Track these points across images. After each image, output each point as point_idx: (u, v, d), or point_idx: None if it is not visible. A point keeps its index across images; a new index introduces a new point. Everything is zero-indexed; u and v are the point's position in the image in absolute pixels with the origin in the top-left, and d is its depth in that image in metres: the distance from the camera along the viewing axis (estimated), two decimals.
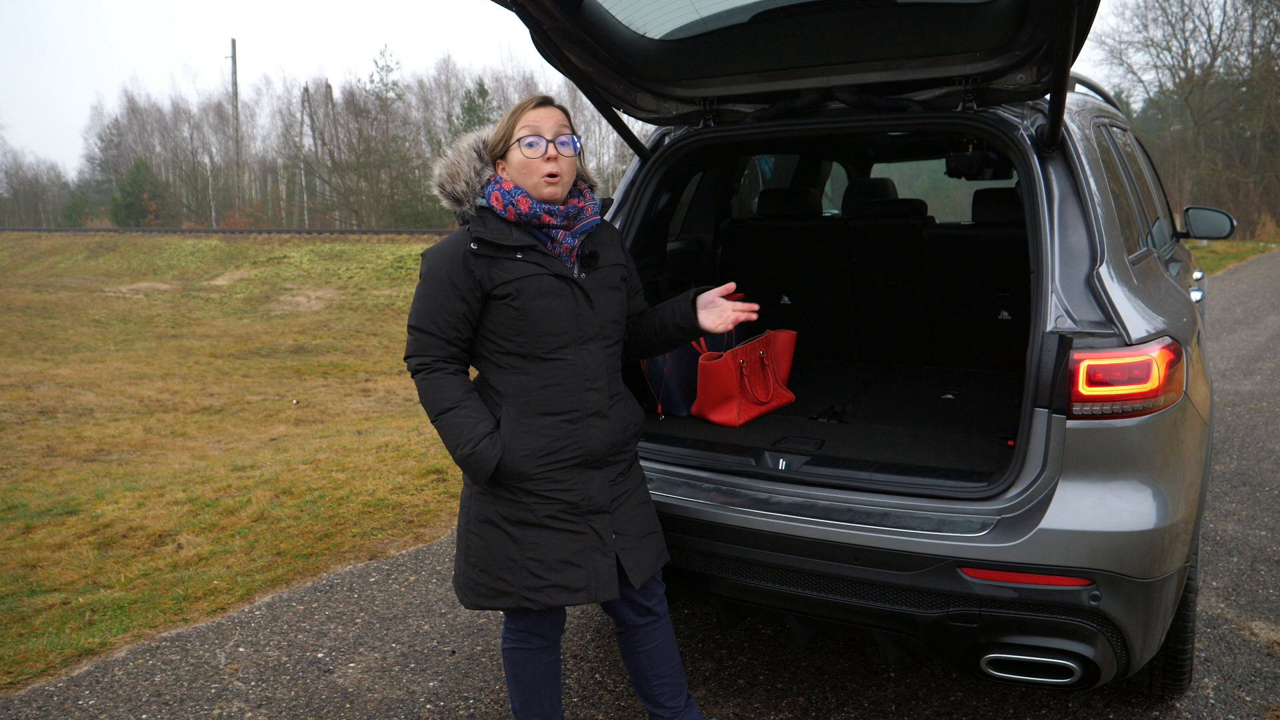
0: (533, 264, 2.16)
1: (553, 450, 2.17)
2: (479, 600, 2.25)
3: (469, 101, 48.70)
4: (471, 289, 2.15)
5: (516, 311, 2.14)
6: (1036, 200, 2.37)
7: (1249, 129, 34.03)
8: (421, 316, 2.19)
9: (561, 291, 2.17)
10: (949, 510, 2.30)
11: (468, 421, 2.15)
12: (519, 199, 2.16)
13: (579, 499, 2.19)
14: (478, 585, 2.24)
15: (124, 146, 62.84)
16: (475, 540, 2.25)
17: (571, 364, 2.18)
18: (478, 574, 2.24)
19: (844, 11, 2.49)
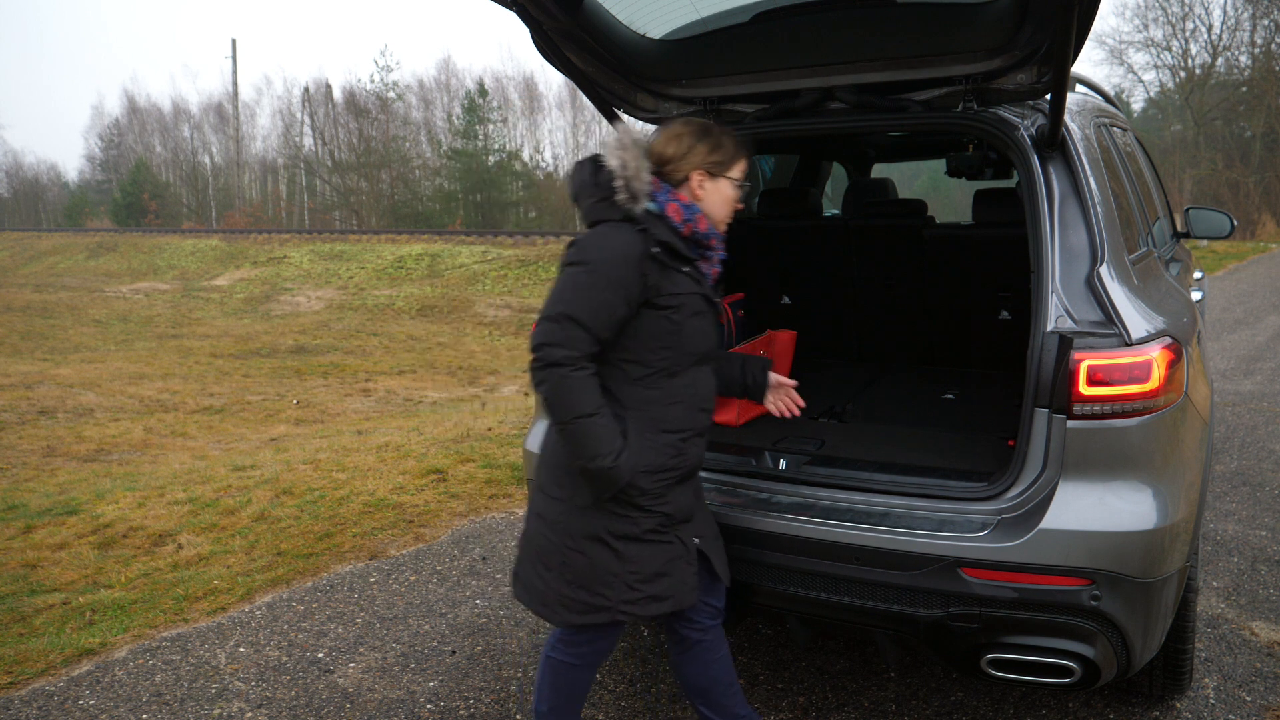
0: (694, 280, 2.17)
1: (667, 468, 2.16)
2: (572, 617, 2.17)
3: (469, 101, 48.70)
4: (637, 293, 2.07)
5: (673, 325, 2.12)
6: (1037, 200, 2.37)
7: (1249, 129, 34.04)
8: (580, 308, 2.02)
9: (706, 312, 2.21)
10: (949, 510, 2.30)
11: (607, 432, 2.05)
12: (699, 217, 2.18)
13: (674, 510, 2.19)
14: (573, 602, 2.16)
15: (124, 146, 62.85)
16: (577, 559, 2.14)
17: (693, 384, 2.20)
18: (574, 591, 2.15)
19: (844, 11, 2.49)
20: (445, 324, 18.85)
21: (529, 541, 2.26)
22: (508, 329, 18.13)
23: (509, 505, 4.86)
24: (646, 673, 3.07)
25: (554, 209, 45.85)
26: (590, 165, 2.21)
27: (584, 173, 2.21)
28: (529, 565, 2.24)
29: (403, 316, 19.71)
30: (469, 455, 5.74)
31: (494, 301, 20.22)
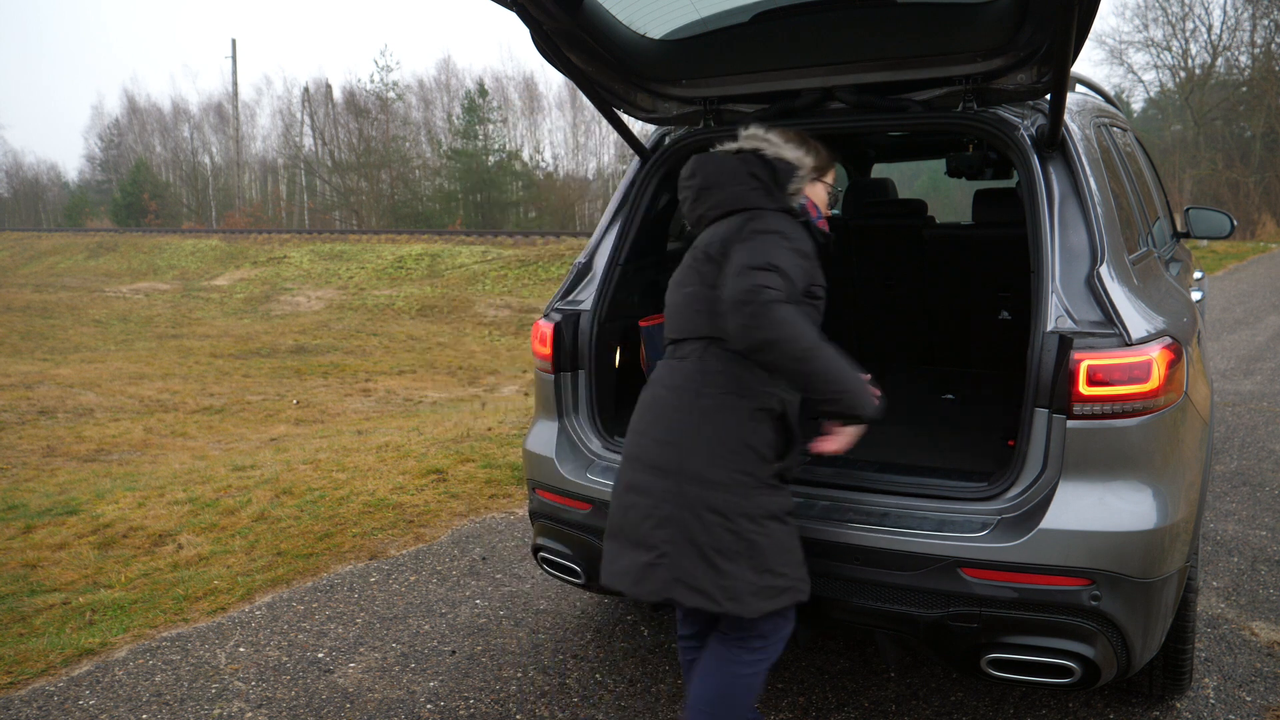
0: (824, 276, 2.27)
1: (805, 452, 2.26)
2: (767, 604, 2.09)
3: (469, 101, 48.71)
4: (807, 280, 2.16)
5: (818, 316, 2.22)
6: (1037, 200, 2.37)
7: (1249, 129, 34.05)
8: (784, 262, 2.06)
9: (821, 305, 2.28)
10: (949, 510, 2.30)
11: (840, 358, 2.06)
12: (820, 219, 2.35)
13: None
14: (766, 589, 2.09)
15: (124, 146, 62.87)
16: (763, 541, 2.10)
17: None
18: (764, 576, 2.09)
19: (844, 11, 2.49)
20: (445, 324, 18.85)
21: (690, 542, 2.07)
22: (508, 329, 18.13)
23: (509, 505, 4.86)
24: (646, 673, 3.07)
25: (554, 209, 45.89)
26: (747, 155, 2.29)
27: (733, 161, 2.28)
28: (693, 566, 2.07)
29: (403, 316, 19.72)
30: (469, 455, 5.74)
31: (494, 301, 20.23)
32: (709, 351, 2.19)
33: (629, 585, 2.16)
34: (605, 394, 2.95)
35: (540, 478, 2.86)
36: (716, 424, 2.13)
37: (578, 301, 2.95)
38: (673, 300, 2.34)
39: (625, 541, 2.19)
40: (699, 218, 2.33)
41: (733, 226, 2.20)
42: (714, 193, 2.27)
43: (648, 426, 2.24)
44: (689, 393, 2.18)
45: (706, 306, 2.19)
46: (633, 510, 2.18)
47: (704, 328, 2.20)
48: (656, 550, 2.10)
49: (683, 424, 2.16)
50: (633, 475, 2.22)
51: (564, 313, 2.92)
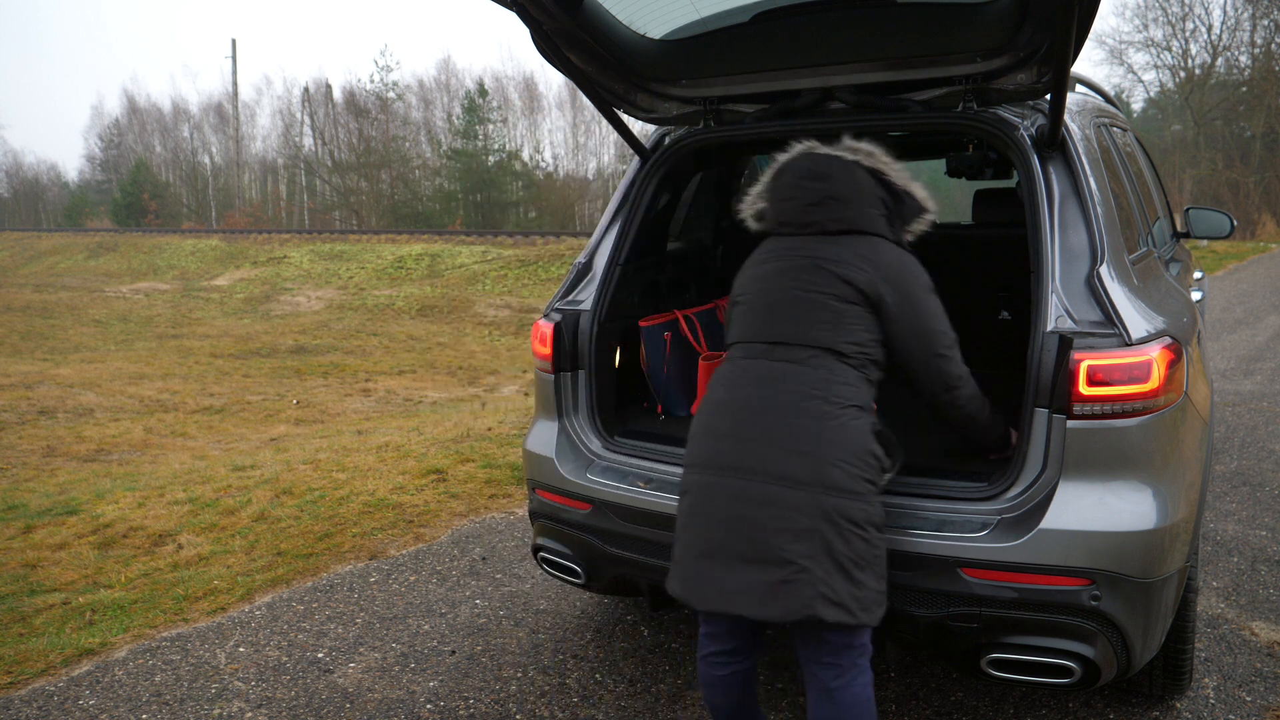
0: None
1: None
2: (880, 612, 2.06)
3: (469, 101, 48.71)
4: None
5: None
6: (1036, 200, 2.37)
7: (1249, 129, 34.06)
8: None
9: None
10: (949, 510, 2.30)
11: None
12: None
13: None
14: (881, 596, 2.07)
15: (124, 146, 62.89)
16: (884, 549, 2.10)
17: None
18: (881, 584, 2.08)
19: (844, 11, 2.49)
20: (445, 324, 18.86)
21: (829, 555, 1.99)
22: (508, 329, 18.14)
23: (509, 505, 4.86)
24: (646, 672, 3.07)
25: (554, 209, 45.89)
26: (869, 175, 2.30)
27: (866, 179, 2.28)
28: (834, 579, 1.98)
29: (403, 316, 19.72)
30: (469, 455, 5.74)
31: (494, 301, 20.23)
32: (833, 361, 2.16)
33: (752, 606, 2.01)
34: (605, 394, 2.95)
35: (540, 478, 2.86)
36: (850, 432, 2.08)
37: (578, 301, 2.95)
38: (771, 299, 2.27)
39: (735, 559, 2.04)
40: (809, 222, 2.28)
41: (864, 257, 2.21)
42: (842, 206, 2.24)
43: (761, 432, 2.11)
44: (816, 399, 2.10)
45: (834, 319, 2.18)
46: (751, 524, 2.04)
47: (827, 339, 2.17)
48: (794, 566, 1.98)
49: (816, 433, 2.07)
50: (746, 486, 2.07)
51: (564, 313, 2.92)
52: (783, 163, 2.39)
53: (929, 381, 2.25)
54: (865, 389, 2.18)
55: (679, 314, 3.29)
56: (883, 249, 2.23)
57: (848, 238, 2.23)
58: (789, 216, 2.32)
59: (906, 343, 2.22)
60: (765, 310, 2.28)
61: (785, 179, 2.34)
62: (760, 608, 2.00)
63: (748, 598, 2.02)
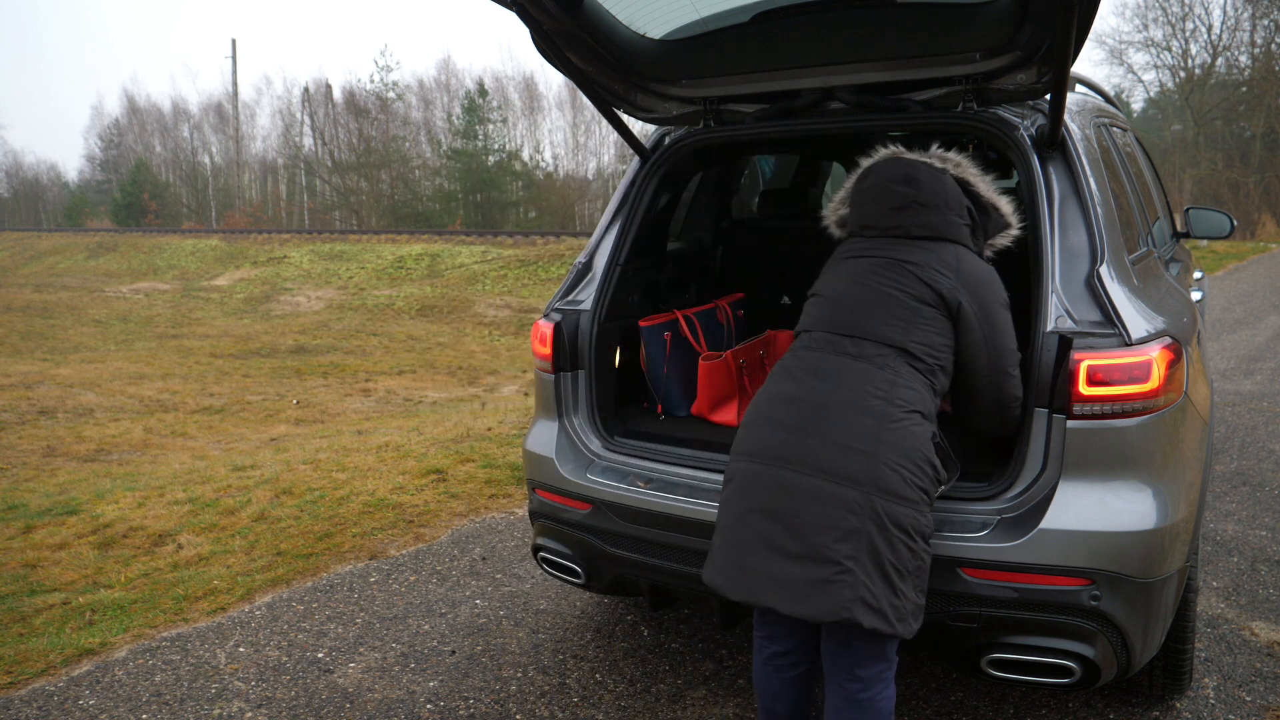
0: None
1: None
2: (916, 625, 2.00)
3: (469, 101, 48.71)
4: None
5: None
6: (1037, 200, 2.37)
7: (1249, 129, 34.06)
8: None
9: None
10: (949, 510, 2.29)
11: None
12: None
13: None
14: (919, 609, 2.01)
15: (124, 146, 62.91)
16: (928, 562, 2.04)
17: None
18: (921, 596, 2.02)
19: (844, 11, 2.49)
20: (445, 324, 18.85)
21: (873, 559, 1.94)
22: (508, 329, 18.13)
23: (509, 505, 4.86)
24: (646, 672, 3.07)
25: (554, 209, 45.89)
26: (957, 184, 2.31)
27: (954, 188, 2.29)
28: (878, 583, 1.93)
29: (403, 316, 19.72)
30: (469, 455, 5.74)
31: (494, 301, 20.23)
32: (900, 363, 2.12)
33: (787, 601, 1.96)
34: (605, 394, 2.95)
35: (540, 478, 2.86)
36: (909, 438, 2.03)
37: (578, 301, 2.95)
38: (846, 292, 2.25)
39: (776, 551, 1.99)
40: (892, 226, 2.26)
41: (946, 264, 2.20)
42: (930, 212, 2.24)
43: (816, 425, 2.05)
44: (878, 398, 2.05)
45: (908, 317, 2.16)
46: (797, 518, 1.99)
47: (899, 337, 2.14)
48: (837, 566, 1.93)
49: (875, 433, 2.01)
50: (795, 479, 2.02)
51: (564, 313, 2.92)
52: (868, 165, 2.39)
53: (989, 395, 2.22)
54: (929, 397, 2.13)
55: (679, 314, 3.29)
56: (965, 258, 2.23)
57: (931, 243, 2.23)
58: (873, 219, 2.31)
59: (977, 354, 2.20)
60: (837, 302, 2.25)
61: (871, 181, 2.34)
62: (796, 603, 1.94)
63: (784, 592, 1.96)
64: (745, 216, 4.37)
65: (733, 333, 3.58)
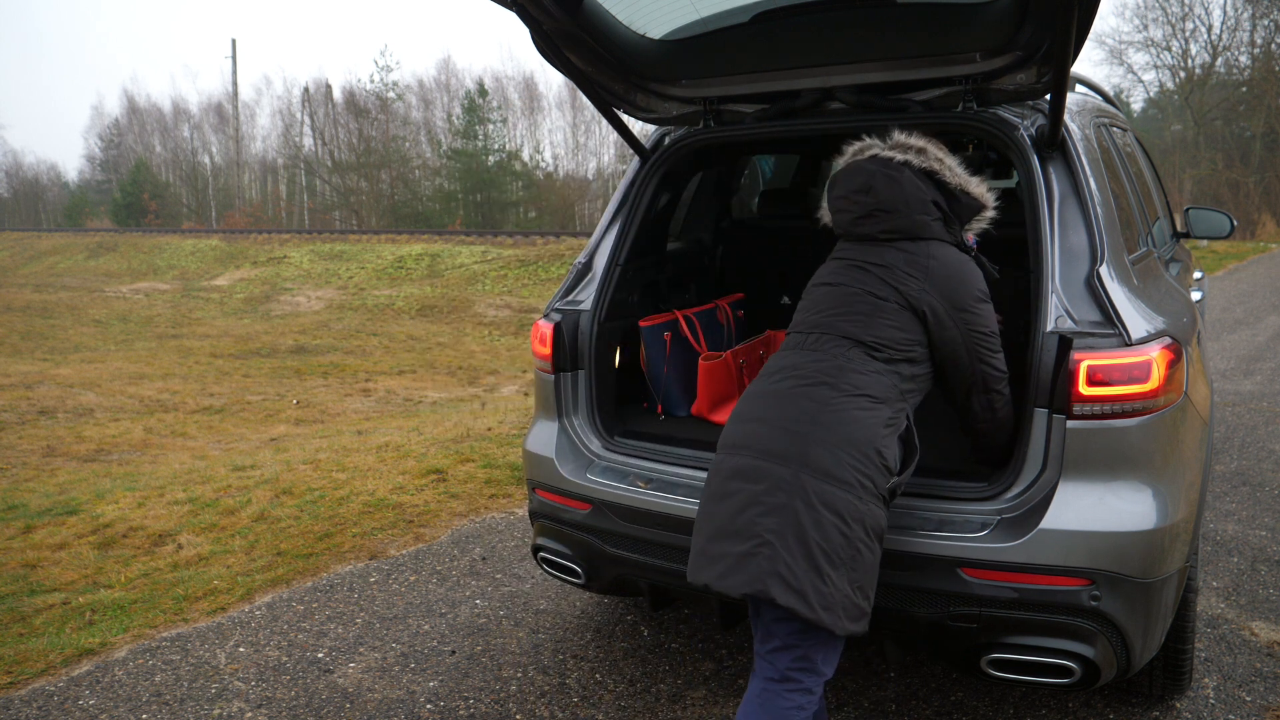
0: None
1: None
2: (851, 625, 1.94)
3: (469, 101, 48.70)
4: None
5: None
6: (1036, 200, 2.37)
7: (1249, 129, 34.05)
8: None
9: None
10: (949, 510, 2.30)
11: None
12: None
13: None
14: (854, 609, 1.95)
15: (124, 146, 62.90)
16: (866, 555, 1.98)
17: None
18: (856, 595, 1.96)
19: (844, 11, 2.49)
20: (445, 324, 18.85)
21: (797, 536, 1.92)
22: (508, 329, 18.13)
23: (509, 505, 4.86)
24: (646, 672, 3.07)
25: (554, 209, 45.88)
26: (923, 179, 2.27)
27: (914, 184, 2.25)
28: (796, 561, 1.90)
29: (403, 316, 19.71)
30: (469, 455, 5.74)
31: (494, 301, 20.22)
32: (855, 352, 2.16)
33: (716, 578, 1.97)
34: (605, 394, 2.95)
35: (540, 478, 2.86)
36: (849, 421, 2.02)
37: (578, 301, 2.95)
38: (820, 293, 2.31)
39: (718, 535, 2.02)
40: (862, 234, 2.30)
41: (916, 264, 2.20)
42: (893, 217, 2.24)
43: (765, 413, 2.11)
44: (824, 386, 2.10)
45: (870, 311, 2.19)
46: (733, 499, 2.02)
47: (858, 331, 2.18)
48: (758, 539, 1.93)
49: (813, 414, 2.04)
50: (739, 461, 2.06)
51: (564, 313, 2.92)
52: (835, 173, 2.40)
53: (971, 383, 2.25)
54: (888, 381, 2.13)
55: (679, 314, 3.29)
56: (938, 255, 2.22)
57: (903, 243, 2.24)
58: (844, 228, 2.36)
59: (953, 349, 2.21)
60: (813, 302, 2.32)
61: (837, 190, 2.36)
62: (722, 579, 1.96)
63: (715, 568, 1.99)
64: (745, 216, 4.37)
65: (733, 333, 3.58)
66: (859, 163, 2.33)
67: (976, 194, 2.33)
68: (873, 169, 2.28)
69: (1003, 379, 2.28)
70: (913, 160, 2.28)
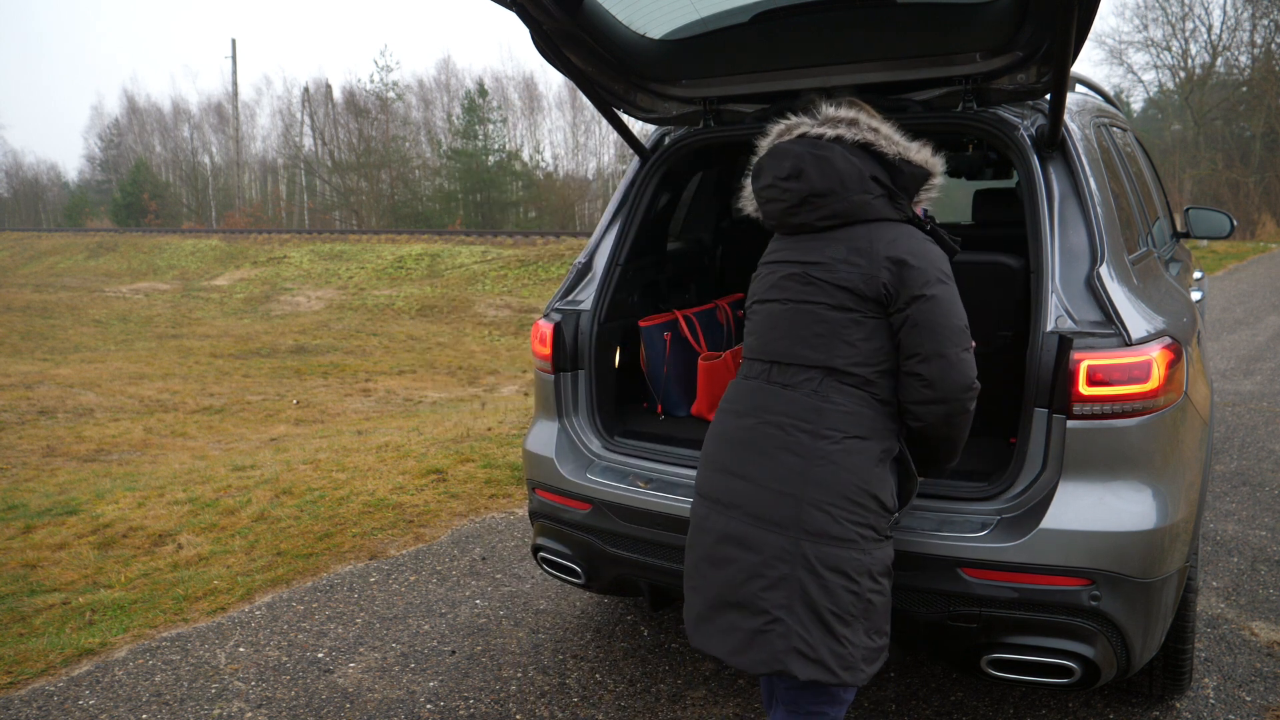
0: None
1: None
2: (871, 669, 1.90)
3: (469, 101, 48.69)
4: None
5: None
6: (1036, 200, 2.37)
7: (1249, 129, 34.05)
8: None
9: None
10: (949, 510, 2.30)
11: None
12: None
13: None
14: (872, 651, 1.90)
15: (124, 146, 62.89)
16: (879, 601, 1.91)
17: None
18: (875, 638, 1.91)
19: (844, 11, 2.49)
20: (445, 324, 18.85)
21: (806, 606, 1.86)
22: (508, 329, 18.13)
23: (509, 505, 4.86)
24: (646, 672, 3.07)
25: (554, 209, 45.88)
26: (859, 153, 2.01)
27: (848, 161, 1.98)
28: (814, 633, 1.85)
29: (403, 316, 19.71)
30: (469, 455, 5.74)
31: (494, 301, 20.22)
32: (828, 384, 1.96)
33: (728, 653, 1.92)
34: (605, 394, 2.95)
35: (540, 478, 2.87)
36: (841, 471, 1.91)
37: (578, 301, 2.95)
38: (766, 312, 2.10)
39: (719, 601, 1.96)
40: (796, 225, 2.06)
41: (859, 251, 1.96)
42: (829, 201, 1.99)
43: (747, 469, 1.98)
44: (804, 434, 1.94)
45: (825, 331, 1.97)
46: (731, 566, 1.94)
47: (822, 356, 1.97)
48: (767, 615, 1.87)
49: (800, 471, 1.92)
50: (730, 525, 1.96)
51: (564, 313, 2.92)
52: (759, 158, 2.17)
53: (933, 387, 1.94)
54: (870, 411, 1.97)
55: (679, 314, 3.29)
56: (883, 236, 1.97)
57: (841, 230, 2.01)
58: (776, 220, 2.12)
59: (910, 340, 1.94)
60: (763, 325, 2.11)
61: (764, 180, 2.12)
62: (737, 655, 1.91)
63: (727, 641, 1.93)
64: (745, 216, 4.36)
65: (732, 333, 3.57)
66: (784, 145, 2.07)
67: (920, 161, 2.05)
68: (800, 150, 2.02)
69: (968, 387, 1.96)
70: (845, 134, 2.02)
